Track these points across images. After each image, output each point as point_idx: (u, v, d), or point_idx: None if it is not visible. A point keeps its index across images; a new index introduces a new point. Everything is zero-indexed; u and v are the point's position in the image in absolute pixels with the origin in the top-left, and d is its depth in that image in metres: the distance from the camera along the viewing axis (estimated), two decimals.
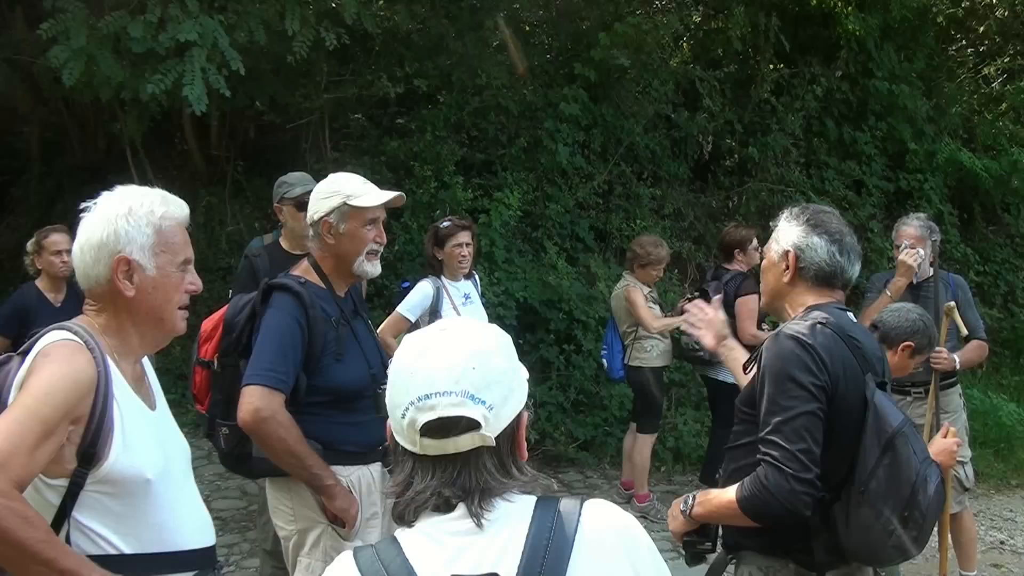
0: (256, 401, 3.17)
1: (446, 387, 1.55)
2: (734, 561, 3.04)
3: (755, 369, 2.91)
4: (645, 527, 5.89)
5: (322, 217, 3.45)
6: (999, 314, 11.14)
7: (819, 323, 2.79)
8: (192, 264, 2.49)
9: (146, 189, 2.44)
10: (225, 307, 3.65)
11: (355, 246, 3.47)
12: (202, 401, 3.64)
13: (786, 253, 2.97)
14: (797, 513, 2.66)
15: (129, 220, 2.33)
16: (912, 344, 4.09)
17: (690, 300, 6.95)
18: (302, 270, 3.54)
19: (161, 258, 2.38)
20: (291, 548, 3.51)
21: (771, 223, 3.16)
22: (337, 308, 3.50)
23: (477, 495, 1.57)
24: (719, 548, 3.09)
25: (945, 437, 3.73)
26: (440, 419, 1.54)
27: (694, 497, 3.01)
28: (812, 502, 2.67)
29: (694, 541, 3.06)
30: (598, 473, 8.28)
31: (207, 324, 3.65)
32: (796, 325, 2.83)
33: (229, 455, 3.58)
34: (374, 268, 3.56)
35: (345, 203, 3.42)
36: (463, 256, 5.76)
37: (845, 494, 2.76)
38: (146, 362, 2.55)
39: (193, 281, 2.47)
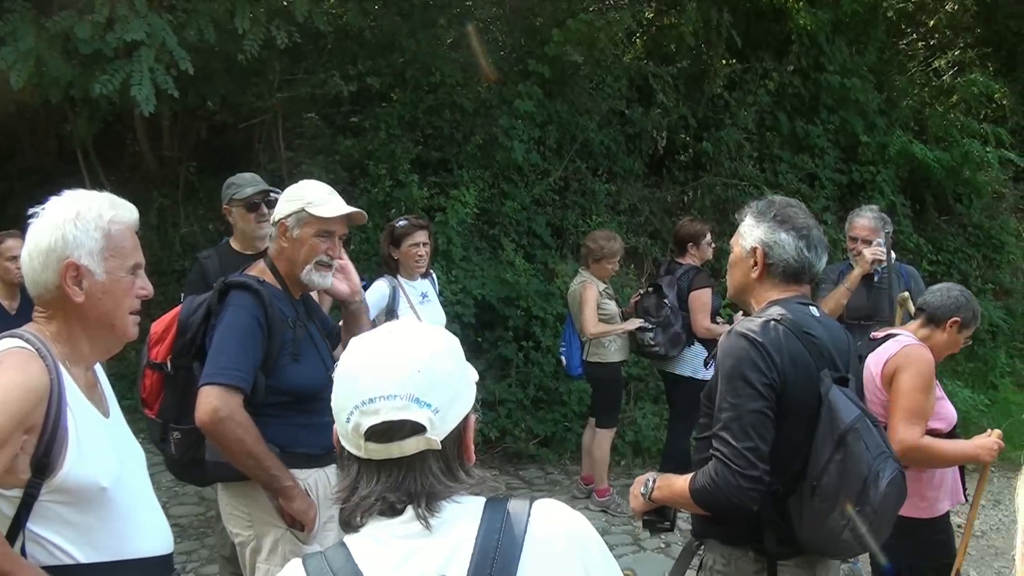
0: (214, 401, 3.13)
1: (390, 391, 1.54)
2: (702, 548, 3.11)
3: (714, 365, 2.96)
4: (605, 521, 5.93)
5: (281, 219, 3.45)
6: None
7: (773, 320, 2.83)
8: (143, 268, 2.45)
9: (94, 193, 2.41)
10: (177, 308, 3.58)
11: (304, 254, 3.45)
12: (151, 405, 3.56)
13: (754, 250, 2.99)
14: (744, 508, 2.73)
15: (77, 225, 2.30)
16: (959, 319, 4.19)
17: (642, 295, 7.04)
18: (258, 271, 3.51)
19: (110, 263, 2.34)
20: (248, 554, 3.47)
21: (731, 216, 3.19)
22: (293, 309, 3.48)
23: (423, 499, 1.56)
24: (689, 535, 3.17)
25: (990, 437, 3.97)
26: (384, 423, 1.53)
27: (654, 481, 3.09)
28: (758, 497, 2.73)
29: (654, 520, 3.18)
30: (558, 469, 8.30)
31: (157, 326, 3.57)
32: (749, 322, 2.88)
33: (178, 461, 3.53)
34: (322, 280, 3.51)
35: (304, 209, 3.40)
36: (420, 256, 5.73)
37: (799, 488, 2.81)
38: (99, 369, 2.51)
39: (144, 286, 2.44)
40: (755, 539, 2.90)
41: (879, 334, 4.34)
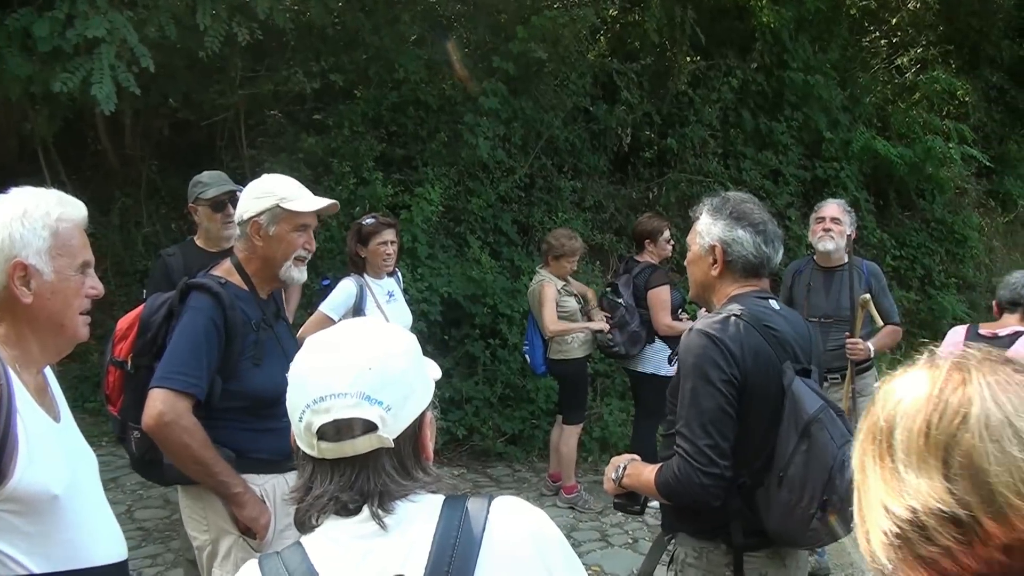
0: (159, 405, 3.08)
1: (341, 388, 1.53)
2: (672, 542, 3.16)
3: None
4: (573, 518, 5.96)
5: (252, 217, 3.36)
6: (916, 297, 11.45)
7: (733, 315, 2.87)
8: (92, 267, 2.40)
9: (41, 190, 2.34)
10: (141, 306, 3.52)
11: (283, 250, 3.39)
12: (114, 402, 3.51)
13: (713, 248, 3.02)
14: (706, 503, 2.80)
15: (24, 223, 2.23)
16: None
17: (602, 297, 7.04)
18: (224, 271, 3.44)
19: (59, 262, 2.28)
20: (205, 558, 3.42)
21: (691, 212, 3.20)
22: (259, 311, 3.41)
23: (376, 498, 1.55)
24: (663, 527, 3.24)
25: None
26: (336, 421, 1.52)
27: (624, 468, 3.12)
28: (721, 493, 2.79)
29: (624, 503, 3.24)
30: (526, 466, 8.29)
31: (123, 323, 3.51)
32: (709, 319, 2.92)
33: (139, 460, 3.47)
34: (300, 274, 3.48)
35: (278, 205, 3.33)
36: (388, 254, 5.70)
37: (766, 480, 2.84)
38: (48, 372, 2.45)
39: (94, 285, 2.38)
40: (725, 532, 2.94)
41: (1002, 331, 4.48)
